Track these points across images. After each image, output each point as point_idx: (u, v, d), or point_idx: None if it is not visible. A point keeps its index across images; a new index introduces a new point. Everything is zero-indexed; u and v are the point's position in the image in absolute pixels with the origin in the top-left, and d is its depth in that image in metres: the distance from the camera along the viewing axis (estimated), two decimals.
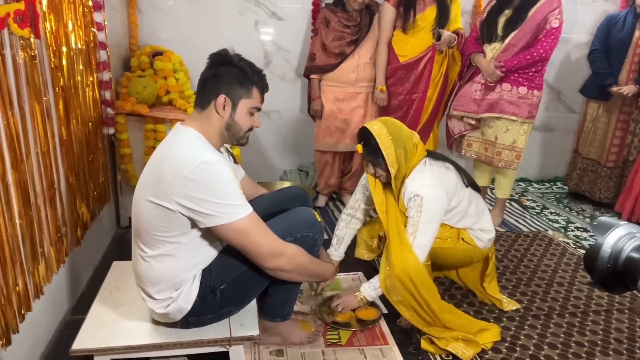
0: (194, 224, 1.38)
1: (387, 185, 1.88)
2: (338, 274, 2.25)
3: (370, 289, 1.80)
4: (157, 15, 3.12)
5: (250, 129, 1.53)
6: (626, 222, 0.68)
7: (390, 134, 1.76)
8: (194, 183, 1.31)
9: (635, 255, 0.64)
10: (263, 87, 1.51)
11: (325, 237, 2.69)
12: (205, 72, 1.47)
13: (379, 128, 1.77)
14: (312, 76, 2.98)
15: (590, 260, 0.68)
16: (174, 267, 1.43)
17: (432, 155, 1.89)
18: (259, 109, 1.52)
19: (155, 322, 1.56)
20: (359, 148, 1.82)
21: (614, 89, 3.15)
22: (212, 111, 1.44)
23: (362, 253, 2.09)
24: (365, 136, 1.80)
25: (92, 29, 2.20)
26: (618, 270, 0.65)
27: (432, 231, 1.74)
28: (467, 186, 1.93)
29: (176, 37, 3.15)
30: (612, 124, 3.30)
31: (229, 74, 1.43)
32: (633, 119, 3.24)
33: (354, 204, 2.09)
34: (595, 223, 0.70)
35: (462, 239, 1.93)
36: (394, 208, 1.83)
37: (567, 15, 3.44)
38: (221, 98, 1.43)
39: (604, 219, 0.70)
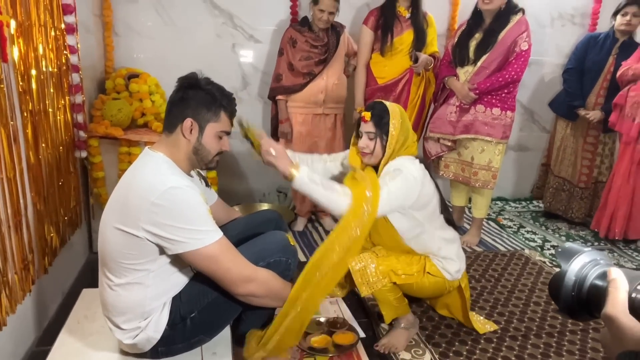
0: (162, 251, 1.35)
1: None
2: None
3: (307, 176, 1.58)
4: (134, 38, 3.12)
5: (220, 152, 1.51)
6: (590, 249, 0.68)
7: (401, 118, 1.78)
8: (162, 209, 1.28)
9: (599, 282, 0.63)
10: (232, 111, 1.50)
11: (303, 259, 2.69)
12: (173, 96, 1.46)
13: (394, 107, 1.79)
14: (279, 97, 2.98)
15: (555, 288, 0.67)
16: (143, 296, 1.39)
17: (422, 162, 1.86)
18: (227, 133, 1.51)
19: (124, 353, 1.51)
20: (367, 115, 1.77)
21: (581, 112, 3.24)
22: (179, 135, 1.43)
23: (333, 291, 2.02)
24: (376, 107, 1.79)
25: (65, 52, 2.18)
26: (583, 298, 0.65)
27: (391, 203, 1.65)
28: (441, 213, 1.91)
29: (153, 59, 3.14)
30: (579, 145, 3.38)
31: (196, 98, 1.43)
32: (600, 140, 3.33)
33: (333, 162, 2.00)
34: (559, 250, 0.69)
35: (429, 272, 1.86)
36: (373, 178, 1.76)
37: (539, 38, 3.57)
38: (187, 122, 1.42)
39: (569, 245, 0.69)
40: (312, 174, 1.63)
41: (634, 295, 0.58)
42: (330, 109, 3.03)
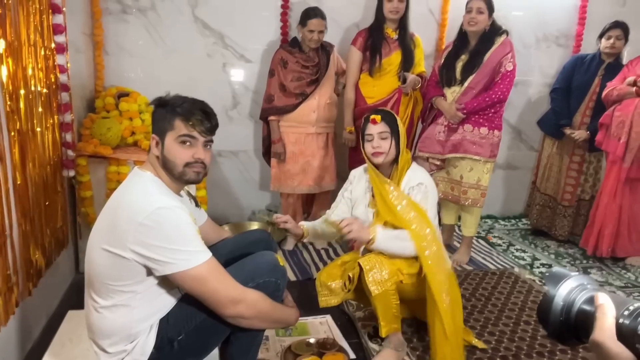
0: (149, 272, 1.33)
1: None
2: (305, 318, 2.21)
3: (384, 234, 1.81)
4: (124, 57, 3.13)
5: (196, 162, 1.43)
6: (577, 273, 0.67)
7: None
8: (149, 229, 1.27)
9: (587, 307, 0.63)
10: (187, 115, 1.41)
11: (293, 279, 2.68)
12: None
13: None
14: (271, 118, 2.99)
15: (543, 313, 0.66)
16: (129, 318, 1.37)
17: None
18: (191, 136, 1.42)
19: None
20: (378, 118, 1.92)
21: (567, 131, 3.29)
22: (152, 153, 1.45)
23: (326, 301, 1.99)
24: (381, 110, 1.98)
25: (54, 71, 2.17)
26: (571, 324, 0.64)
27: (435, 213, 1.94)
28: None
29: (143, 78, 3.15)
30: (565, 163, 3.43)
31: (157, 114, 1.45)
32: (586, 159, 3.38)
33: (335, 211, 2.13)
34: (547, 274, 0.69)
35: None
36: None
37: (524, 59, 3.65)
38: (152, 139, 1.44)
39: (556, 269, 0.69)
40: (386, 231, 1.83)
41: (621, 321, 0.58)
42: (322, 128, 3.05)
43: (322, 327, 2.21)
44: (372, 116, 1.92)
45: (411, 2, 2.97)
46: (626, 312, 0.58)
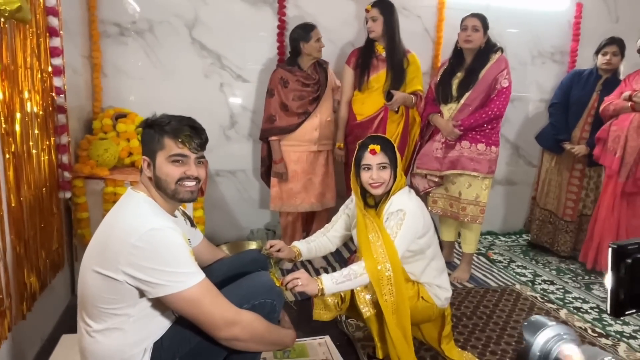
0: (142, 294, 1.31)
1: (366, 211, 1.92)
2: (304, 339, 2.18)
3: (332, 282, 1.71)
4: (122, 79, 3.14)
5: (194, 179, 1.44)
6: (555, 323, 0.69)
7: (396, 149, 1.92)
8: (141, 251, 1.25)
9: (562, 358, 0.66)
10: (175, 133, 1.40)
11: (292, 298, 2.64)
12: None
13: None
14: (272, 138, 2.98)
15: None
16: (122, 342, 1.34)
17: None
18: (182, 155, 1.42)
19: None
20: (377, 148, 1.83)
21: (567, 146, 3.29)
22: (144, 175, 1.44)
23: (319, 314, 1.99)
24: (379, 139, 1.88)
25: (51, 93, 2.18)
26: None
27: (404, 246, 1.78)
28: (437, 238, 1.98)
29: (141, 99, 3.17)
30: (565, 178, 3.42)
31: (146, 135, 1.44)
32: (586, 174, 3.37)
33: (334, 225, 2.13)
34: (526, 323, 0.71)
35: (422, 297, 1.92)
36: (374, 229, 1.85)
37: (520, 75, 3.68)
38: (143, 160, 1.44)
39: (535, 318, 0.71)
40: (333, 276, 1.74)
41: None
42: (323, 146, 3.05)
43: (321, 348, 2.17)
44: (371, 146, 1.82)
45: (407, 20, 3.01)
46: None
